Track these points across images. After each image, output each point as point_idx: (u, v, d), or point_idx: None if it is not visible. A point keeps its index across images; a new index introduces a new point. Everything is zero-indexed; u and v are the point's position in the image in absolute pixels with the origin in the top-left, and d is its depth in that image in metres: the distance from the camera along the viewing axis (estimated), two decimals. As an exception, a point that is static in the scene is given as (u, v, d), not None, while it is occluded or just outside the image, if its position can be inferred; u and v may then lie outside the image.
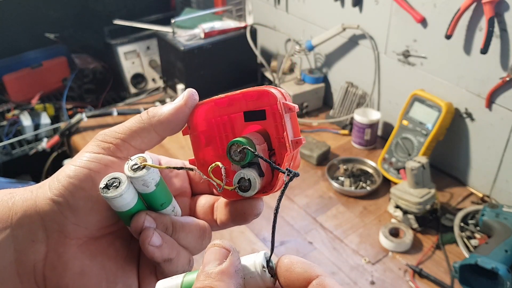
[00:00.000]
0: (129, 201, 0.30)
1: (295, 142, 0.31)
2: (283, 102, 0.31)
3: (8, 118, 1.50)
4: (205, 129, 0.33)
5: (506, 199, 1.05)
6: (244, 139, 0.31)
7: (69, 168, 0.30)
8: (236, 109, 0.32)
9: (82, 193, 0.29)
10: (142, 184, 0.30)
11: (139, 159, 0.30)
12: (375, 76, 1.27)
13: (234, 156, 0.31)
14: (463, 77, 1.05)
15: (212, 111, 0.33)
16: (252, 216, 0.32)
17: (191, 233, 0.33)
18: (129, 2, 1.83)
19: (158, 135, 0.32)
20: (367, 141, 1.26)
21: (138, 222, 0.30)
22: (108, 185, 0.29)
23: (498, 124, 1.01)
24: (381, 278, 0.90)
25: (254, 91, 0.31)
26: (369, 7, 1.21)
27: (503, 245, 0.86)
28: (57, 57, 1.67)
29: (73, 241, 0.30)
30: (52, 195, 0.29)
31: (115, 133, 0.31)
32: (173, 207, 0.33)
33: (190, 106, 0.32)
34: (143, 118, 0.32)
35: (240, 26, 1.43)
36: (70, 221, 0.29)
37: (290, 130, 0.31)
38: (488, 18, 0.92)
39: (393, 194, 1.02)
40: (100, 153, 0.30)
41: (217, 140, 0.33)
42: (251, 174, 0.31)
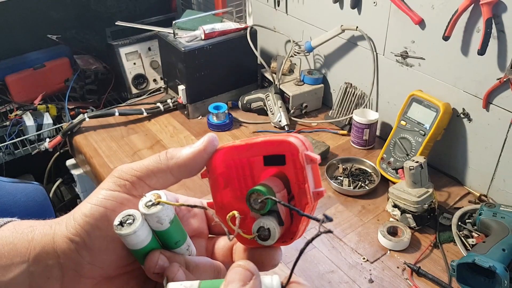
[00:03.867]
0: (143, 238, 0.29)
1: (316, 193, 0.30)
2: (305, 153, 0.30)
3: (11, 118, 1.52)
4: (224, 171, 0.33)
5: (503, 198, 1.06)
6: (264, 187, 0.30)
7: (86, 206, 0.30)
8: (256, 153, 0.32)
9: (98, 233, 0.29)
10: (157, 221, 0.29)
11: (154, 195, 0.30)
12: (373, 77, 1.28)
13: (254, 204, 0.30)
14: (460, 78, 1.06)
15: (231, 154, 0.32)
16: (270, 266, 0.32)
17: (205, 273, 0.32)
18: (130, 4, 1.84)
19: (174, 177, 0.32)
20: (366, 141, 1.27)
21: (152, 260, 0.30)
22: (122, 222, 0.29)
23: (495, 124, 1.02)
24: (380, 276, 0.91)
25: (275, 141, 0.31)
26: (368, 9, 1.22)
27: (501, 244, 0.86)
28: (59, 58, 1.68)
29: (88, 280, 0.30)
30: (69, 233, 0.29)
31: (132, 170, 0.31)
32: (187, 245, 0.33)
33: (209, 152, 0.32)
34: (161, 158, 0.32)
35: (240, 27, 1.44)
36: (86, 260, 0.29)
37: (311, 181, 0.30)
38: (486, 20, 0.93)
39: (391, 194, 1.03)
40: (116, 191, 0.30)
41: (235, 182, 0.33)
42: (271, 223, 0.30)
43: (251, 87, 1.53)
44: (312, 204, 0.31)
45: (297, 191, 0.31)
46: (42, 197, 1.00)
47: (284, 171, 0.31)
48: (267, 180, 0.31)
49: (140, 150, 1.31)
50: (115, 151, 1.31)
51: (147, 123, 1.43)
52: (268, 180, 0.31)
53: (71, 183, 1.65)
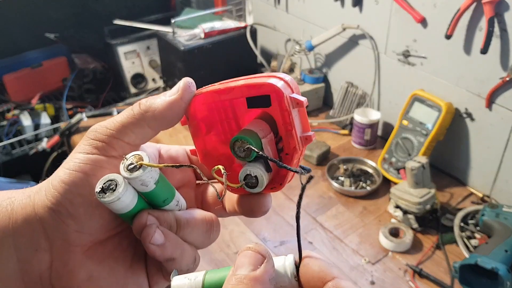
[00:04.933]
0: (128, 202, 0.28)
1: (304, 138, 0.29)
2: (290, 96, 0.28)
3: (8, 118, 1.51)
4: (205, 115, 0.31)
5: (506, 199, 1.05)
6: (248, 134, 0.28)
7: (63, 172, 0.29)
8: (238, 95, 0.29)
9: (80, 200, 0.28)
10: (141, 184, 0.28)
11: (135, 157, 0.28)
12: (375, 76, 1.27)
13: (239, 152, 0.29)
14: (463, 77, 1.05)
15: (211, 97, 0.30)
16: (260, 213, 0.31)
17: (197, 228, 0.31)
18: (129, 2, 1.83)
19: (152, 130, 0.30)
20: (367, 141, 1.26)
21: (140, 222, 0.29)
22: (104, 188, 0.27)
23: (498, 124, 1.01)
24: (381, 278, 0.90)
25: (256, 84, 0.28)
26: (369, 7, 1.21)
27: (503, 245, 0.86)
28: (57, 57, 1.67)
29: (78, 248, 0.29)
30: (49, 203, 0.28)
31: (106, 130, 0.29)
32: (176, 201, 0.31)
33: (186, 100, 0.30)
34: (135, 112, 0.30)
35: (240, 26, 1.43)
36: (72, 228, 0.28)
37: (298, 126, 0.29)
38: (488, 18, 0.92)
39: (393, 194, 1.02)
40: (93, 153, 0.29)
41: (219, 126, 0.31)
42: (257, 170, 0.29)
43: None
44: (300, 149, 0.29)
45: (285, 133, 0.29)
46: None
47: (270, 112, 0.29)
48: (252, 123, 0.29)
49: (139, 150, 1.30)
50: (113, 151, 1.29)
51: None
52: (253, 123, 0.29)
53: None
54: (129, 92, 1.66)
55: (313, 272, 0.26)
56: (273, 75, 0.29)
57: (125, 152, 0.29)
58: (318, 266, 0.26)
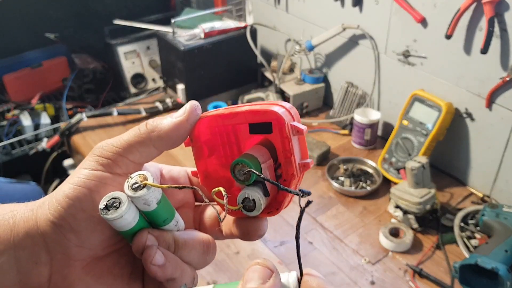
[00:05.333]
0: (130, 220, 0.29)
1: (303, 165, 0.30)
2: (291, 124, 0.29)
3: (8, 118, 1.51)
4: (208, 138, 0.32)
5: (506, 199, 1.05)
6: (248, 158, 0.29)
7: (67, 186, 0.29)
8: (241, 121, 0.30)
9: (83, 215, 0.29)
10: (144, 203, 0.29)
11: (140, 177, 0.29)
12: (375, 76, 1.27)
13: (239, 175, 0.30)
14: (463, 77, 1.05)
15: (215, 121, 0.31)
16: (256, 236, 0.32)
17: (194, 250, 0.32)
18: (129, 2, 1.83)
19: (156, 149, 0.31)
20: (367, 141, 1.26)
21: (140, 241, 0.30)
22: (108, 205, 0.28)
23: (498, 124, 1.01)
24: (381, 278, 0.90)
25: (260, 111, 0.29)
26: (369, 7, 1.21)
27: (503, 245, 0.85)
28: (57, 57, 1.67)
29: (77, 262, 0.29)
30: (52, 217, 0.28)
31: (112, 147, 0.30)
32: (176, 221, 0.32)
33: (192, 122, 0.31)
34: (141, 131, 0.30)
35: (240, 26, 1.43)
36: (73, 243, 0.29)
37: (297, 153, 0.30)
38: (488, 18, 0.92)
39: (393, 194, 1.02)
40: (98, 170, 0.29)
41: (221, 149, 0.32)
42: (255, 194, 0.29)
43: (251, 86, 1.52)
44: (298, 176, 0.30)
45: (284, 160, 0.30)
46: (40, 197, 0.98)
47: (271, 139, 0.30)
48: (252, 148, 0.30)
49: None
50: (113, 151, 1.29)
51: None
52: (254, 149, 0.30)
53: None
54: (129, 92, 1.66)
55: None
56: (275, 103, 0.30)
57: (129, 170, 0.30)
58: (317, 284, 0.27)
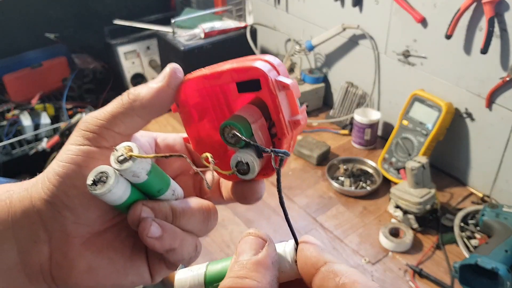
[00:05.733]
0: (121, 194, 0.28)
1: (293, 122, 0.28)
2: (275, 79, 0.27)
3: (8, 118, 1.50)
4: (197, 102, 0.30)
5: (506, 199, 1.05)
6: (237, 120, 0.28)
7: (57, 164, 0.29)
8: (227, 80, 0.28)
9: (75, 191, 0.28)
10: (132, 175, 0.28)
11: (125, 149, 0.27)
12: (375, 76, 1.27)
13: (229, 138, 0.28)
14: (463, 77, 1.05)
15: (202, 83, 0.29)
16: (253, 199, 0.31)
17: (194, 217, 0.31)
18: (129, 2, 1.83)
19: (142, 119, 0.30)
20: (367, 141, 1.26)
21: (134, 214, 0.29)
22: (95, 181, 0.27)
23: (498, 124, 1.01)
24: (381, 278, 0.90)
25: (242, 68, 0.28)
26: (369, 7, 1.21)
27: (503, 245, 0.86)
28: (57, 57, 1.67)
29: (76, 239, 0.29)
30: (45, 195, 0.28)
31: (97, 120, 0.29)
32: (172, 190, 0.31)
33: (173, 86, 0.30)
34: (124, 101, 0.29)
35: (240, 26, 1.43)
36: (70, 220, 0.29)
37: (286, 110, 0.28)
38: (488, 18, 0.92)
39: (393, 194, 1.02)
40: (85, 145, 0.29)
41: (211, 112, 0.31)
42: (248, 157, 0.28)
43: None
44: (290, 134, 0.28)
45: (276, 118, 0.28)
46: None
47: (261, 96, 0.28)
48: (242, 109, 0.29)
49: (139, 150, 1.30)
50: (113, 151, 1.29)
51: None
52: (244, 109, 0.29)
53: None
54: (129, 92, 1.66)
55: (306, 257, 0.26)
56: (259, 57, 0.28)
57: (116, 142, 0.29)
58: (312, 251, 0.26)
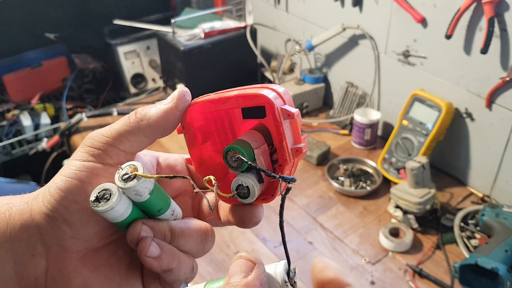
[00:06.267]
0: (122, 212, 0.28)
1: (295, 150, 0.29)
2: (281, 108, 0.28)
3: (8, 118, 1.50)
4: (201, 125, 0.31)
5: (506, 199, 1.05)
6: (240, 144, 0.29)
7: (60, 178, 0.29)
8: (233, 105, 0.29)
9: (75, 207, 0.28)
10: (135, 194, 0.28)
11: (130, 167, 0.28)
12: (375, 76, 1.27)
13: (231, 162, 0.29)
14: (463, 77, 1.05)
15: (208, 107, 0.30)
16: (251, 224, 0.32)
17: (192, 238, 0.32)
18: (129, 2, 1.83)
19: (147, 138, 0.30)
20: (367, 141, 1.26)
21: (134, 232, 0.29)
22: (98, 197, 0.28)
23: (498, 124, 1.01)
24: (381, 278, 0.90)
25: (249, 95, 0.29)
26: (369, 7, 1.21)
27: (503, 245, 0.85)
28: (57, 57, 1.67)
29: (74, 254, 0.29)
30: (46, 209, 0.28)
31: (103, 137, 0.30)
32: (172, 210, 0.31)
33: (181, 109, 0.30)
34: (130, 120, 0.30)
35: (240, 26, 1.43)
36: (68, 235, 0.29)
37: (290, 138, 0.29)
38: (488, 18, 0.92)
39: (393, 194, 1.02)
40: (90, 161, 0.29)
41: (215, 136, 0.32)
42: (249, 181, 0.29)
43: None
44: (291, 161, 0.29)
45: (279, 145, 0.29)
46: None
47: (265, 123, 0.29)
48: (246, 134, 0.30)
49: (139, 150, 1.30)
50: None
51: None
52: (247, 134, 0.30)
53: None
54: (129, 92, 1.66)
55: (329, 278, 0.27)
56: (266, 86, 0.29)
57: (120, 160, 0.29)
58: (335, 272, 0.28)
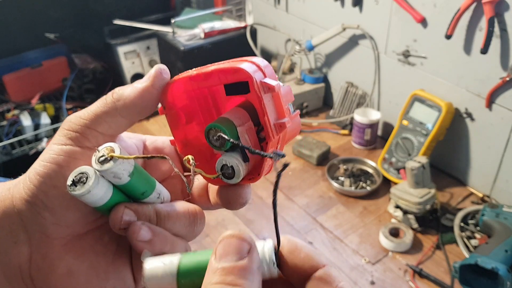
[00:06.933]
0: (101, 195, 0.27)
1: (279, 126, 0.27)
2: (260, 81, 0.26)
3: (8, 118, 1.50)
4: (185, 104, 0.30)
5: (506, 199, 1.05)
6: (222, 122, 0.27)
7: (38, 164, 0.28)
8: (215, 82, 0.28)
9: (55, 192, 0.28)
10: (113, 177, 0.27)
11: (107, 149, 0.27)
12: (375, 76, 1.27)
13: (214, 141, 0.28)
14: (463, 77, 1.05)
15: (189, 84, 0.29)
16: (238, 204, 0.30)
17: (179, 221, 0.30)
18: (129, 2, 1.83)
19: (126, 119, 0.29)
20: (367, 141, 1.26)
21: (116, 216, 0.28)
22: (75, 181, 0.27)
23: (498, 124, 1.01)
24: (381, 278, 0.90)
25: (229, 69, 0.27)
26: (369, 7, 1.21)
27: (503, 245, 0.86)
28: (57, 57, 1.67)
29: (56, 241, 0.28)
30: (26, 195, 0.28)
31: (80, 119, 0.29)
32: (157, 193, 0.30)
33: (158, 87, 0.29)
34: (107, 101, 0.29)
35: (240, 26, 1.43)
36: (50, 221, 0.28)
37: (272, 113, 0.27)
38: (488, 18, 0.92)
39: (393, 194, 1.02)
40: (68, 144, 0.28)
41: (200, 115, 0.30)
42: (233, 160, 0.28)
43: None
44: (275, 137, 0.27)
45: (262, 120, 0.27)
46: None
47: (250, 99, 0.27)
48: (230, 111, 0.29)
49: (139, 150, 1.30)
50: (113, 151, 1.30)
51: (145, 123, 1.42)
52: (231, 112, 0.28)
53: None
54: (129, 92, 1.66)
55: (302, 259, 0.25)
56: (245, 59, 0.28)
57: (99, 143, 0.28)
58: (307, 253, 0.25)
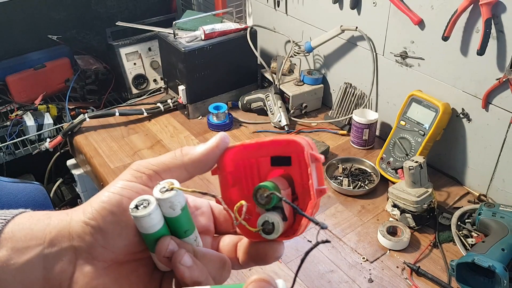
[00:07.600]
0: (156, 222, 0.31)
1: (319, 191, 0.32)
2: (310, 152, 0.32)
3: (12, 118, 1.52)
4: (233, 170, 0.35)
5: (502, 198, 1.06)
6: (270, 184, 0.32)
7: (103, 193, 0.32)
8: (264, 153, 0.34)
9: (112, 217, 0.31)
10: (169, 207, 0.31)
11: (167, 183, 0.32)
12: (373, 77, 1.28)
13: (260, 199, 0.32)
14: (460, 78, 1.06)
15: (241, 153, 0.34)
16: (273, 259, 0.34)
17: (212, 263, 0.34)
18: (130, 4, 1.85)
19: (188, 173, 0.34)
20: (366, 141, 1.27)
21: (162, 244, 0.32)
22: (137, 205, 0.31)
23: (495, 124, 1.02)
24: (379, 276, 0.91)
25: (283, 140, 0.33)
26: (367, 9, 1.23)
27: (500, 243, 0.86)
28: (59, 58, 1.69)
29: (100, 263, 0.31)
30: (84, 217, 0.31)
31: (149, 165, 0.33)
32: (195, 236, 0.34)
33: (221, 149, 0.34)
34: (176, 155, 0.34)
35: (240, 27, 1.45)
36: (99, 243, 0.31)
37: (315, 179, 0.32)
38: (485, 20, 0.93)
39: (391, 193, 1.03)
40: (133, 181, 0.33)
41: (243, 182, 0.35)
42: (275, 218, 0.32)
43: (251, 87, 1.53)
44: (315, 200, 0.32)
45: (301, 191, 0.33)
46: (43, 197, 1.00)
47: (290, 172, 0.33)
48: (273, 179, 0.34)
49: (140, 150, 1.32)
50: (115, 151, 1.31)
51: (147, 123, 1.44)
52: (275, 179, 0.33)
53: (72, 183, 1.66)
54: (130, 93, 1.67)
55: None
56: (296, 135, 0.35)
57: None
58: None
